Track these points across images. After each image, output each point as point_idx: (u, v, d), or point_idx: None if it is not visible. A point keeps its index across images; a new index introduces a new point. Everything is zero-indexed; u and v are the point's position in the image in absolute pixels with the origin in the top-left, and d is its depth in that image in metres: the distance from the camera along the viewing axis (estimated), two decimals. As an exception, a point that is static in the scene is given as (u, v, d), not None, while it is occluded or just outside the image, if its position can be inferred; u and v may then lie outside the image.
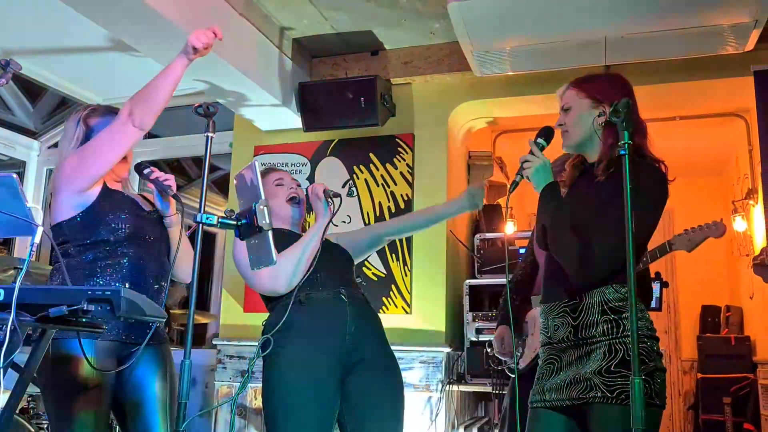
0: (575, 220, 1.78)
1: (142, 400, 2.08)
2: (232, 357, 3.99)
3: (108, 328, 1.98)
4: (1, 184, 1.68)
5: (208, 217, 1.72)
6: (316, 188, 2.22)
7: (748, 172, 4.55)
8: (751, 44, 3.17)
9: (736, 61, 3.47)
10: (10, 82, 1.82)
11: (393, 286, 3.86)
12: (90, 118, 2.21)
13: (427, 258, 3.87)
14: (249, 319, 3.97)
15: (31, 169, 5.14)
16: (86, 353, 1.87)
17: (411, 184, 3.97)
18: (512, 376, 2.89)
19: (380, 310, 3.76)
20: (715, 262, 5.92)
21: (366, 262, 3.89)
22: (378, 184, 4.01)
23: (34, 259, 4.49)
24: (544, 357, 1.87)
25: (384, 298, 3.83)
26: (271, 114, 3.98)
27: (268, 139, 4.25)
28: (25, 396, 2.73)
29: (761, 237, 4.16)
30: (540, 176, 1.86)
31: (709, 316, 5.72)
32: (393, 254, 3.89)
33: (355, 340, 2.10)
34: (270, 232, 1.70)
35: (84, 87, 4.78)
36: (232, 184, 4.32)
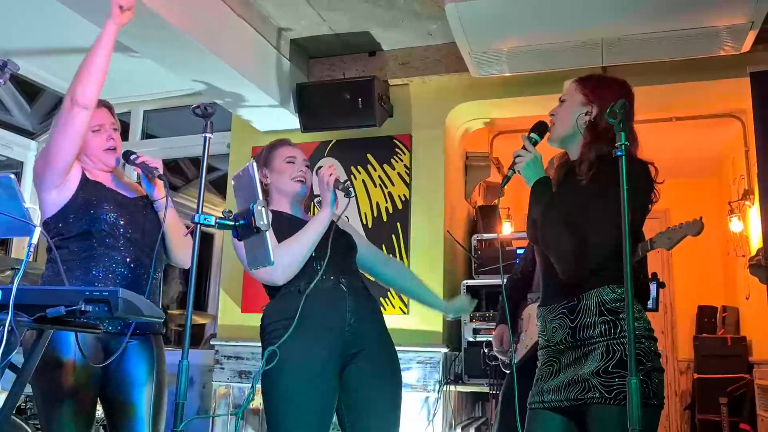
0: (565, 216, 1.78)
1: (129, 396, 2.07)
2: (229, 357, 3.99)
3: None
4: (-1, 185, 1.69)
5: (205, 218, 1.72)
6: (327, 176, 2.11)
7: (745, 173, 4.56)
8: (748, 45, 3.18)
9: (733, 63, 3.48)
10: (8, 82, 1.82)
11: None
12: None
13: (424, 258, 3.87)
14: (247, 320, 3.97)
15: (29, 169, 5.12)
16: (74, 345, 1.89)
17: (408, 185, 3.97)
18: (507, 372, 2.90)
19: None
20: (711, 263, 5.93)
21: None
22: (376, 185, 4.02)
23: (32, 260, 4.48)
24: (543, 359, 1.88)
25: (382, 299, 3.83)
26: (269, 115, 3.98)
27: (266, 140, 4.18)
28: (22, 396, 2.73)
29: (757, 238, 4.17)
30: (531, 171, 1.86)
31: (706, 317, 5.74)
32: (390, 255, 3.89)
33: (355, 331, 2.08)
34: (268, 233, 1.70)
35: (81, 87, 4.77)
36: (230, 184, 4.33)
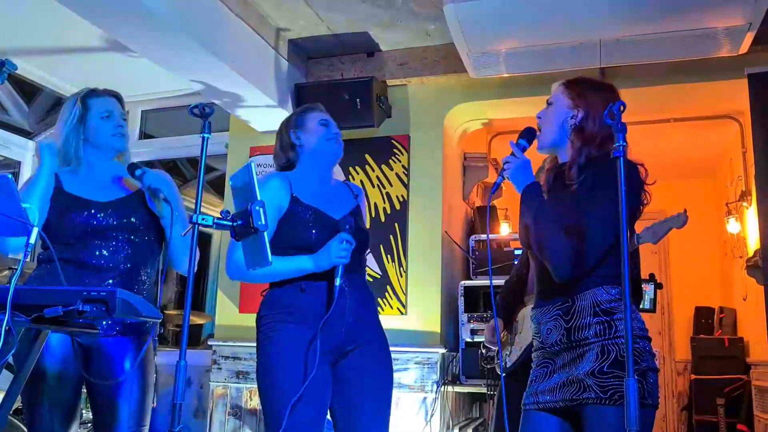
0: (556, 219, 1.78)
1: (112, 395, 2.06)
2: (227, 357, 3.99)
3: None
4: (-3, 185, 1.68)
5: (203, 218, 1.72)
6: (339, 253, 2.01)
7: (742, 174, 4.57)
8: (745, 47, 3.19)
9: (730, 64, 3.49)
10: (6, 81, 1.82)
11: (388, 287, 3.87)
12: (88, 98, 2.22)
13: (422, 259, 3.88)
14: (244, 320, 3.96)
15: (27, 169, 5.12)
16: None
17: (406, 186, 3.98)
18: (501, 374, 2.90)
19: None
20: (708, 264, 5.94)
21: (361, 263, 3.90)
22: (374, 185, 4.02)
23: (29, 260, 4.47)
24: (538, 361, 1.88)
25: (379, 299, 3.83)
26: (267, 115, 3.98)
27: (264, 140, 4.25)
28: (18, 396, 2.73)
29: (754, 239, 4.18)
30: (520, 176, 1.86)
31: (703, 318, 5.74)
32: (388, 255, 3.90)
33: (352, 329, 2.09)
34: (266, 234, 1.70)
35: (79, 87, 4.72)
36: (228, 184, 4.32)
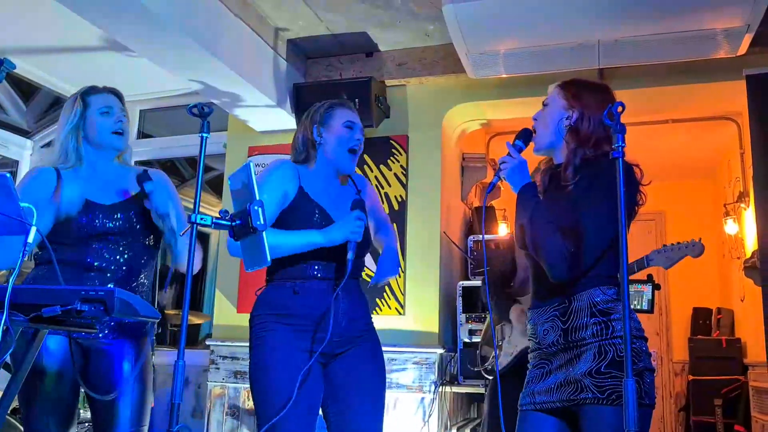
0: (553, 220, 1.78)
1: (110, 394, 2.05)
2: (225, 358, 3.99)
3: None
4: (-6, 184, 1.68)
5: (202, 218, 1.72)
6: (354, 230, 2.02)
7: (740, 176, 4.57)
8: (744, 48, 3.19)
9: (729, 65, 3.49)
10: (4, 81, 1.81)
11: (386, 288, 3.86)
12: (88, 95, 2.22)
13: (420, 259, 3.87)
14: (242, 320, 3.94)
15: (25, 168, 5.11)
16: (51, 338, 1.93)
17: (405, 186, 3.97)
18: (489, 377, 2.91)
19: (373, 312, 3.77)
20: (706, 265, 5.93)
21: (360, 263, 3.89)
22: (372, 186, 4.01)
23: (27, 259, 4.46)
24: (534, 362, 1.88)
25: (377, 300, 3.83)
26: (266, 115, 3.98)
27: (263, 140, 4.25)
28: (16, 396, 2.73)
29: (752, 240, 4.18)
30: (516, 177, 1.86)
31: (701, 319, 5.75)
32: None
33: (345, 332, 2.09)
34: (264, 233, 1.70)
35: (78, 86, 4.71)
36: (226, 184, 4.32)
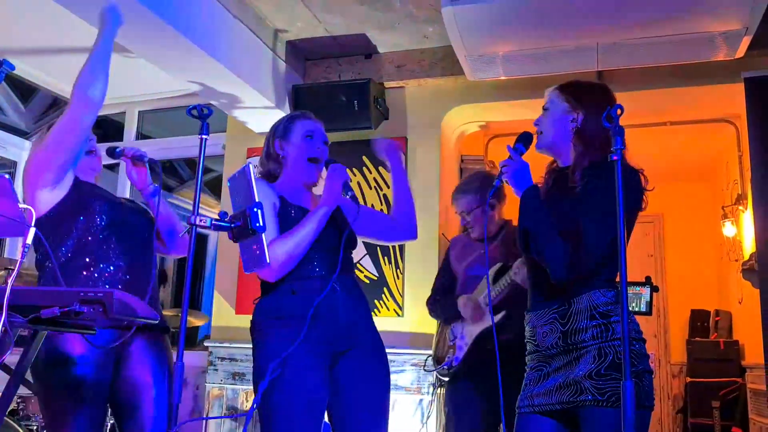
0: (557, 223, 1.79)
1: (138, 400, 2.06)
2: (223, 359, 3.98)
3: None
4: (-7, 185, 1.68)
5: (201, 219, 1.72)
6: (339, 173, 2.08)
7: (738, 178, 4.58)
8: (742, 51, 3.20)
9: (727, 68, 3.50)
10: (3, 82, 1.81)
11: (385, 289, 3.87)
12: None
13: (419, 261, 3.88)
14: (241, 321, 3.96)
15: (22, 169, 5.11)
16: (82, 346, 1.90)
17: (404, 187, 3.97)
18: (445, 380, 2.91)
19: (372, 313, 3.76)
20: (704, 267, 5.96)
21: (358, 265, 3.90)
22: (370, 187, 4.02)
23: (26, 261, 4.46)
24: (532, 364, 1.88)
25: (376, 301, 3.84)
26: (265, 116, 3.98)
27: (262, 142, 4.20)
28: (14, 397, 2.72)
29: (750, 242, 4.19)
30: (520, 179, 1.86)
31: (699, 321, 5.75)
32: (385, 257, 3.90)
33: (347, 330, 2.08)
34: (263, 235, 1.70)
35: (76, 87, 4.77)
36: (225, 186, 4.32)
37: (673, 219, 6.10)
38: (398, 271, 3.87)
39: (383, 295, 3.85)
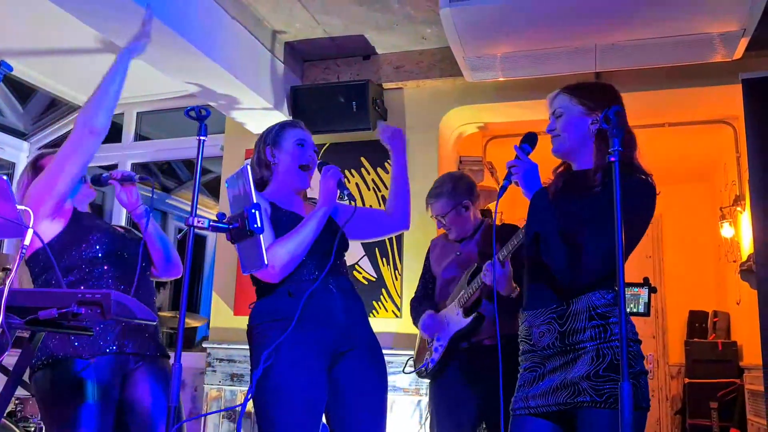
0: (567, 227, 1.77)
1: (144, 421, 2.06)
2: (221, 360, 3.98)
3: (103, 343, 2.00)
4: (-9, 186, 1.67)
5: (199, 220, 1.72)
6: (333, 173, 2.13)
7: (736, 179, 4.59)
8: (740, 52, 3.21)
9: (725, 69, 3.50)
10: (1, 83, 1.81)
11: (383, 290, 3.86)
12: (40, 160, 2.21)
13: (417, 262, 3.85)
14: (239, 322, 3.95)
15: (21, 170, 5.10)
16: (90, 373, 1.92)
17: (402, 189, 3.97)
18: (426, 380, 2.92)
19: (370, 315, 3.76)
20: (703, 268, 5.97)
21: (356, 266, 3.90)
22: (369, 188, 4.02)
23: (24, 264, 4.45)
24: (526, 365, 1.87)
25: (374, 302, 3.84)
26: (263, 117, 3.98)
27: (260, 143, 4.25)
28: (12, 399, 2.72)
29: (748, 243, 4.19)
30: (530, 181, 1.84)
31: (697, 322, 5.76)
32: (383, 258, 3.90)
33: (344, 331, 2.09)
34: (261, 236, 1.70)
35: (74, 88, 4.77)
36: (224, 187, 4.32)
37: (671, 220, 6.11)
38: (396, 272, 3.87)
39: (381, 297, 3.85)
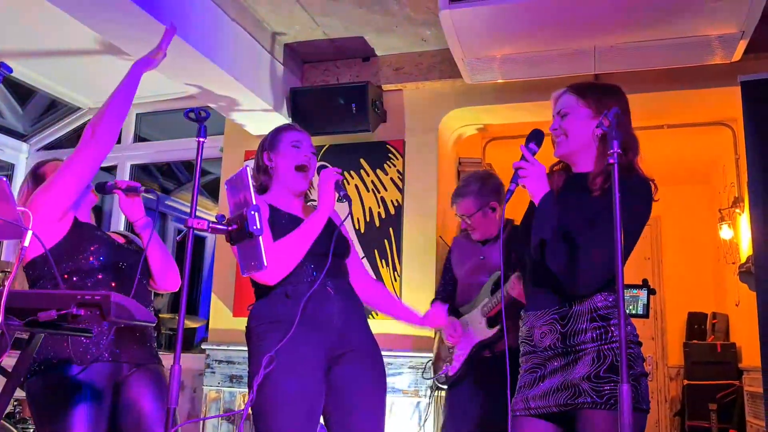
0: (570, 230, 1.77)
1: (140, 424, 2.05)
2: (220, 362, 3.98)
3: (96, 350, 1.99)
4: (-9, 188, 1.67)
5: (198, 222, 1.72)
6: (329, 175, 2.13)
7: (735, 181, 4.59)
8: (738, 55, 3.21)
9: (724, 71, 3.51)
10: (0, 84, 1.81)
11: (383, 292, 3.86)
12: (41, 168, 2.21)
13: (416, 263, 3.88)
14: (238, 324, 3.94)
15: (20, 171, 5.11)
16: (83, 378, 1.91)
17: (401, 190, 3.98)
18: (444, 387, 2.91)
19: (369, 316, 3.76)
20: (701, 270, 5.97)
21: (356, 268, 3.89)
22: (368, 190, 4.02)
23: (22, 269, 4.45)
24: (526, 365, 1.86)
25: (373, 304, 3.83)
26: (262, 119, 3.98)
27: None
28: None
29: (747, 245, 4.19)
30: (538, 185, 1.81)
31: (696, 323, 5.76)
32: (383, 260, 3.90)
33: (342, 332, 2.09)
34: (261, 238, 1.70)
35: (74, 90, 4.77)
36: (223, 188, 4.32)
37: (670, 222, 6.11)
38: (396, 273, 3.87)
39: (381, 298, 3.85)
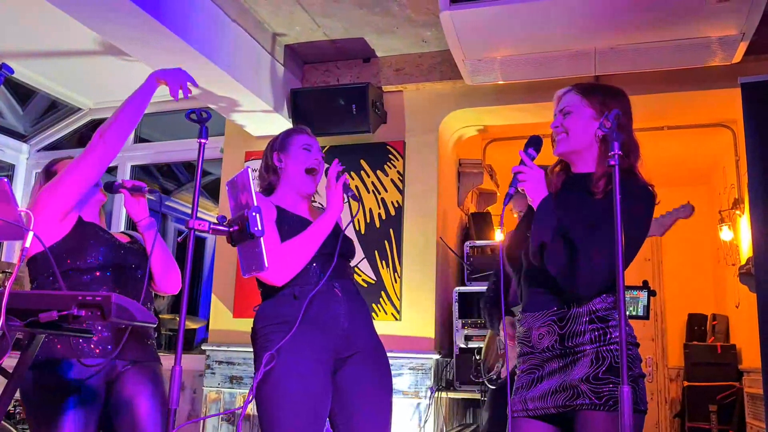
0: (570, 233, 1.76)
1: (134, 424, 2.04)
2: (221, 362, 3.98)
3: (88, 348, 1.98)
4: (-9, 188, 1.67)
5: (199, 223, 1.72)
6: (335, 174, 2.16)
7: (735, 182, 4.60)
8: (739, 56, 3.22)
9: (724, 73, 3.51)
10: (1, 85, 1.81)
11: (383, 293, 3.87)
12: (53, 166, 2.22)
13: (417, 265, 3.88)
14: (238, 325, 3.96)
15: (20, 172, 5.11)
16: (75, 375, 1.91)
17: (402, 191, 3.98)
18: (492, 387, 2.90)
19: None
20: (701, 271, 5.97)
21: (356, 269, 3.90)
22: (369, 191, 4.02)
23: (24, 264, 4.45)
24: (524, 366, 1.86)
25: (374, 305, 3.84)
26: (263, 120, 3.98)
27: (260, 145, 4.25)
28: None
29: (747, 246, 4.20)
30: (536, 188, 1.81)
31: (696, 325, 5.77)
32: (383, 261, 3.90)
33: (348, 334, 2.09)
34: (262, 240, 1.70)
35: (75, 90, 4.77)
36: (223, 189, 4.32)
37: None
38: (396, 274, 3.87)
39: (381, 299, 3.85)
